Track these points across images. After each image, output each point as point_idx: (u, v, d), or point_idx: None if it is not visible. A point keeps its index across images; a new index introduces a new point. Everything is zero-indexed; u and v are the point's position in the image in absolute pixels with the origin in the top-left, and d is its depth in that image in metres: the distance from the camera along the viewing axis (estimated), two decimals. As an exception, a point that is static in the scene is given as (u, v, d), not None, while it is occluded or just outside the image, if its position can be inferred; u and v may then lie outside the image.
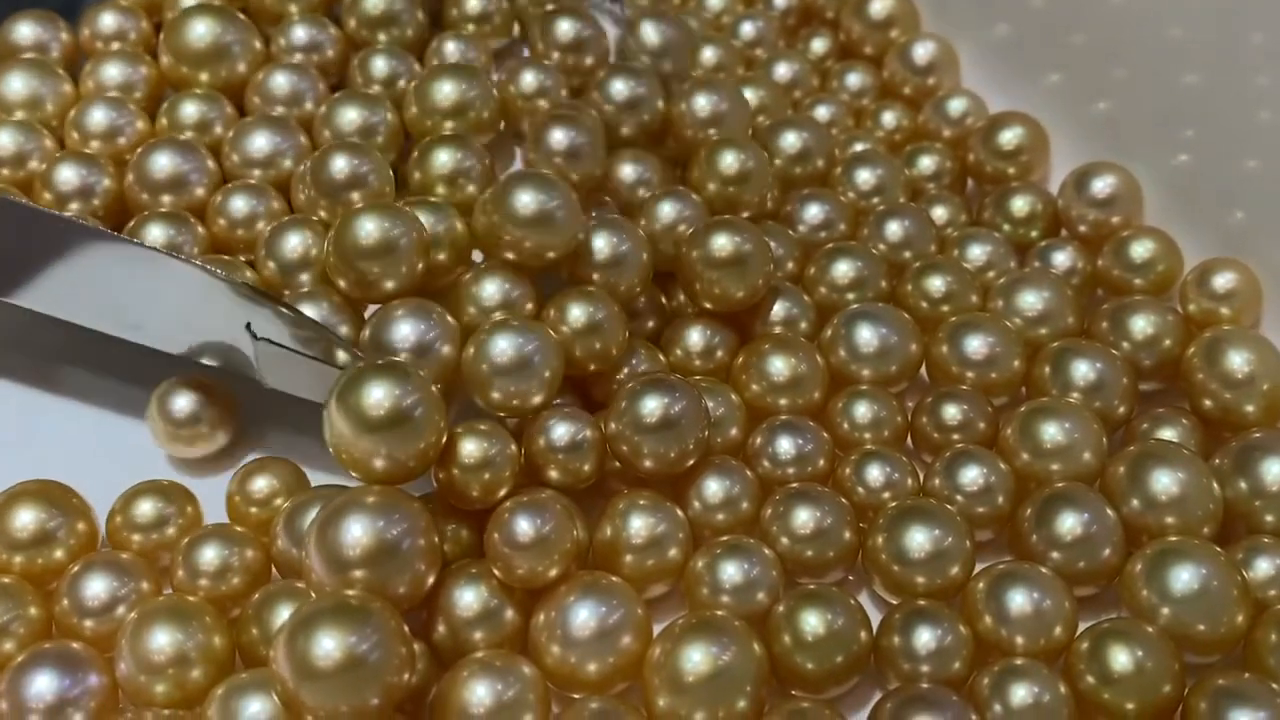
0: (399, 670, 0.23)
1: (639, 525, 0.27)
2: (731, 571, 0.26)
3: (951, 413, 0.29)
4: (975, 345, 0.30)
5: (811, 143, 0.35)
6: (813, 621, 0.25)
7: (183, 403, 0.30)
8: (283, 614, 0.26)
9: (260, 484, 0.29)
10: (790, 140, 0.35)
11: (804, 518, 0.27)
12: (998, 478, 0.28)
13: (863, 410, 0.29)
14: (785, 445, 0.29)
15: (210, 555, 0.27)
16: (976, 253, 0.33)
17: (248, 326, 0.28)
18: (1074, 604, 0.26)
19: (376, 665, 0.23)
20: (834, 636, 0.25)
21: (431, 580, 0.25)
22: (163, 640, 0.25)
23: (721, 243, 0.30)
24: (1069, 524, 0.27)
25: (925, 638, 0.25)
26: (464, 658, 0.25)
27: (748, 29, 0.39)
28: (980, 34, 0.38)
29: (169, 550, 0.28)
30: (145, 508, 0.28)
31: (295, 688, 0.23)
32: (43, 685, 0.25)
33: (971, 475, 0.28)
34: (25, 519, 0.27)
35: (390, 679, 0.23)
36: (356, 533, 0.24)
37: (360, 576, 0.24)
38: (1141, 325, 0.31)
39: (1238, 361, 0.29)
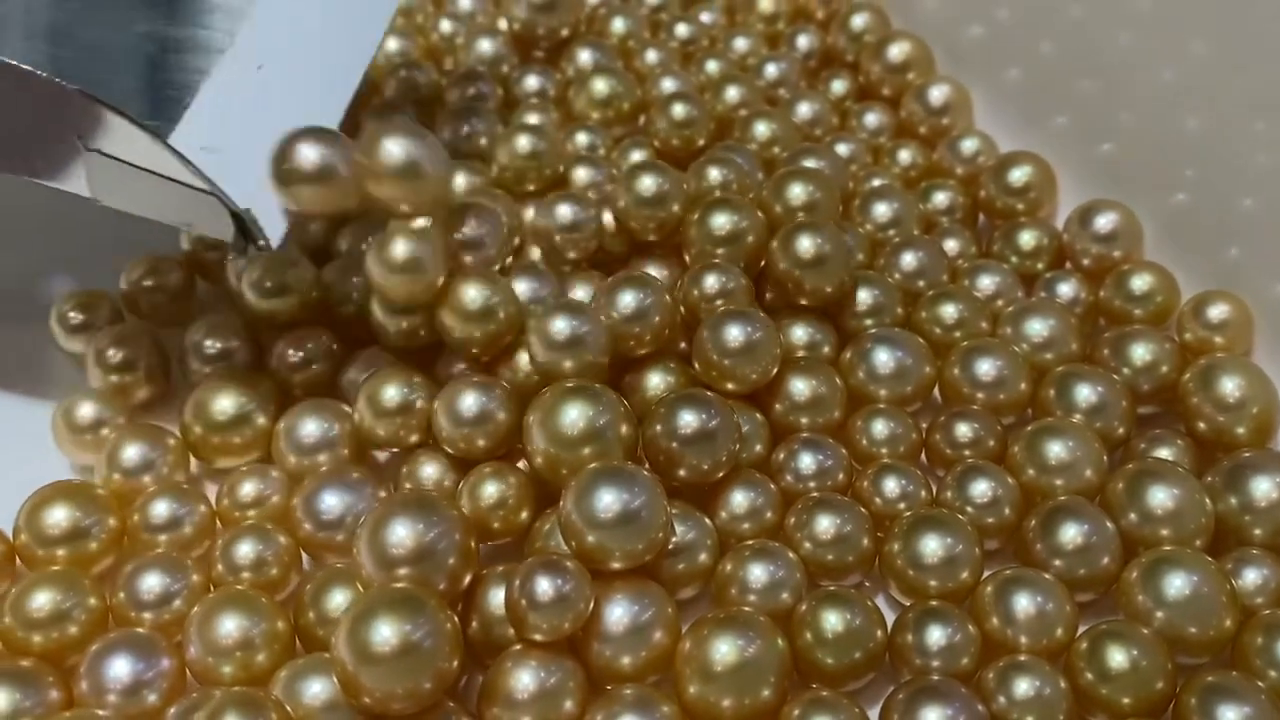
0: (449, 657, 0.25)
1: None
2: (758, 573, 0.28)
3: (963, 431, 0.31)
4: (985, 368, 0.32)
5: (830, 174, 0.36)
6: (833, 620, 0.27)
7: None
8: (336, 599, 0.28)
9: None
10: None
11: (825, 524, 0.29)
12: (1005, 491, 0.30)
13: (880, 427, 0.31)
14: (807, 460, 0.30)
15: (246, 549, 0.29)
16: (986, 283, 0.35)
17: (78, 139, 0.28)
18: (1074, 607, 0.28)
19: (429, 651, 0.25)
20: (852, 634, 0.27)
21: (468, 579, 0.27)
22: (230, 626, 0.27)
23: (805, 245, 0.32)
24: (1071, 534, 0.28)
25: (936, 635, 0.27)
26: (510, 649, 0.27)
27: (771, 70, 0.41)
28: (992, 79, 0.40)
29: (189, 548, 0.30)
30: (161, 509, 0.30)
31: (355, 671, 0.25)
32: (120, 668, 0.27)
33: (981, 488, 0.30)
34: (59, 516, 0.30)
35: (441, 665, 0.25)
36: (401, 534, 0.26)
37: (405, 574, 0.26)
38: (1140, 353, 0.32)
39: (1230, 387, 0.31)
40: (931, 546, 0.28)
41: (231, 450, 0.32)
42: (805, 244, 0.32)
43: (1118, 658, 0.26)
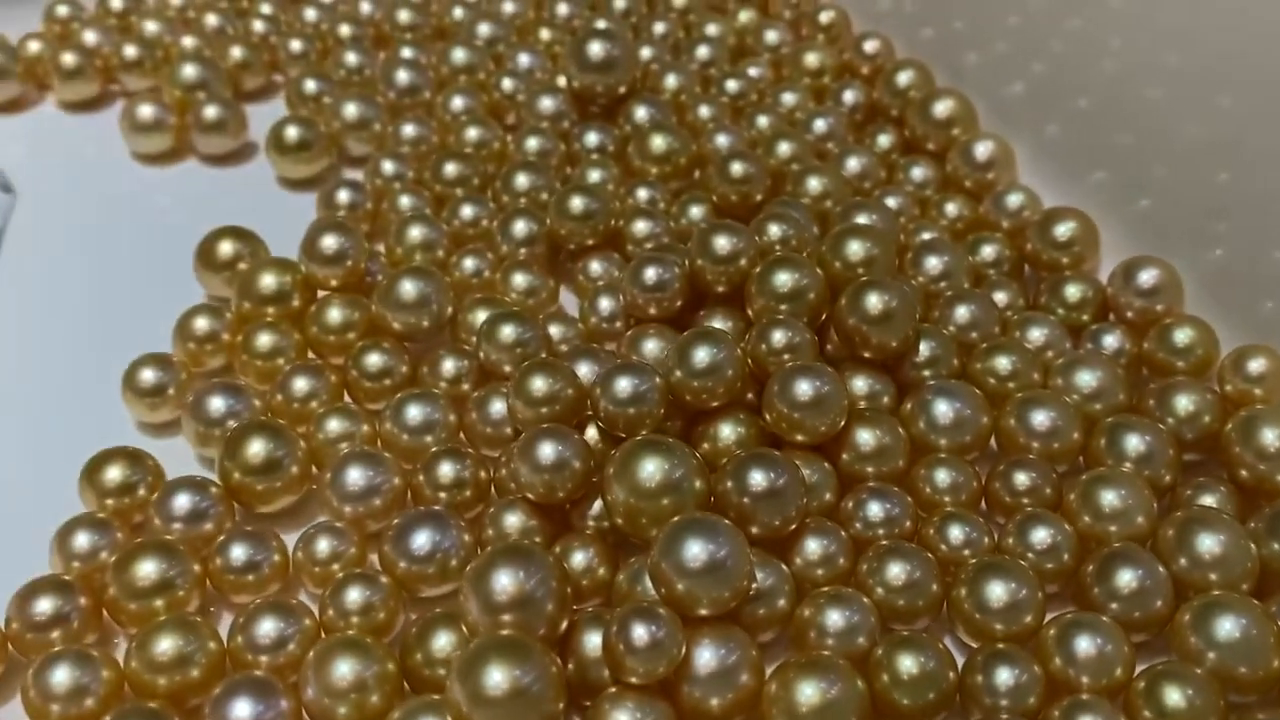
0: (555, 700, 0.27)
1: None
2: (835, 618, 0.30)
3: (1021, 479, 0.33)
4: (1040, 419, 0.34)
5: (883, 229, 0.38)
6: (908, 663, 0.29)
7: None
8: (440, 641, 0.30)
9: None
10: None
11: (896, 570, 0.31)
12: (1063, 538, 0.31)
13: (943, 476, 0.33)
14: (875, 509, 0.32)
15: (355, 595, 0.31)
16: (1036, 335, 0.36)
17: None
18: (1132, 648, 0.29)
19: (538, 695, 0.27)
20: (926, 676, 0.29)
21: (565, 624, 0.29)
22: (344, 669, 0.29)
23: (874, 301, 0.34)
24: (1126, 579, 0.30)
25: (1004, 676, 0.29)
26: (608, 691, 0.28)
27: (820, 125, 0.43)
28: (1034, 134, 0.42)
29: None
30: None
31: (469, 713, 0.27)
32: (242, 710, 0.28)
33: (1041, 535, 0.31)
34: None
35: (548, 707, 0.27)
36: (505, 582, 0.28)
37: (508, 619, 0.28)
38: (1184, 403, 0.34)
39: (1270, 437, 0.33)
40: (997, 592, 0.30)
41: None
42: (873, 300, 0.34)
43: (1174, 697, 0.28)
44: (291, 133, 0.43)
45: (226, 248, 0.39)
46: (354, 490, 0.33)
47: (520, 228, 0.40)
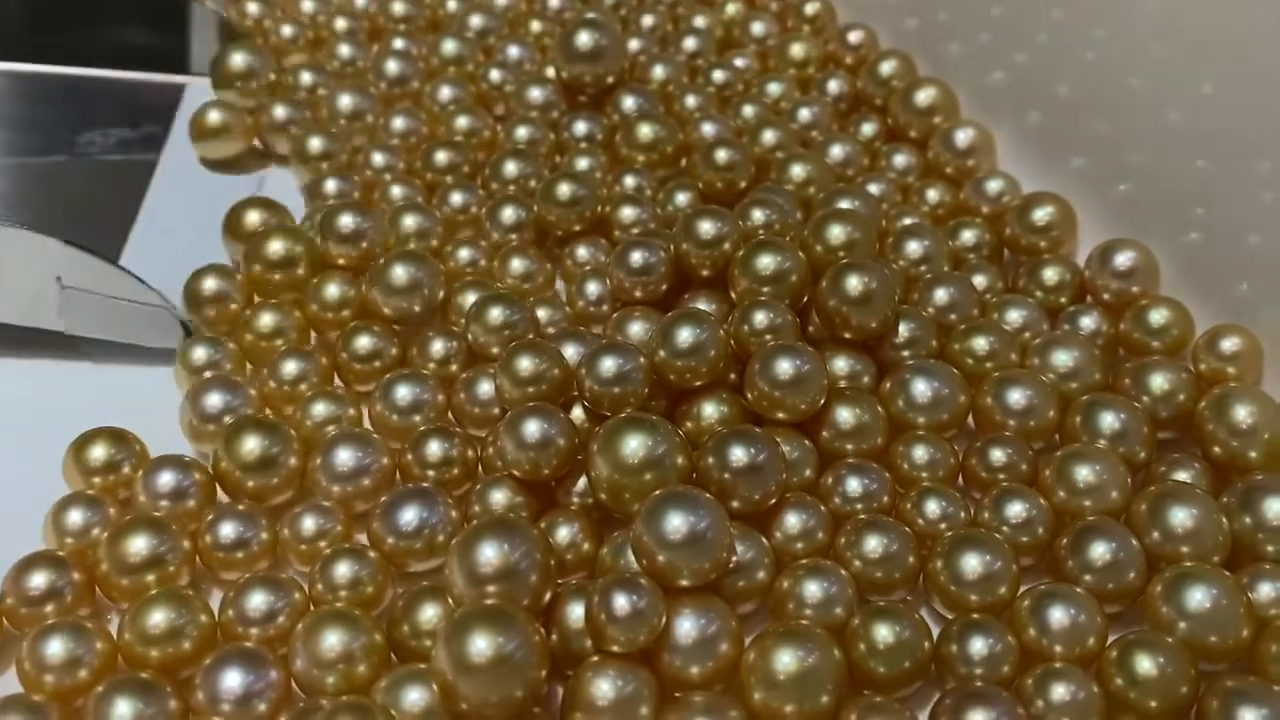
0: (538, 667, 0.28)
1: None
2: (813, 589, 0.30)
3: (997, 455, 0.33)
4: (1016, 397, 0.34)
5: (865, 214, 0.39)
6: (884, 633, 0.30)
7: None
8: (427, 613, 0.30)
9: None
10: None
11: (874, 544, 0.31)
12: (1038, 512, 0.32)
13: (920, 453, 0.33)
14: (853, 484, 0.33)
15: (344, 570, 0.31)
16: (1014, 316, 0.37)
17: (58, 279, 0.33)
18: (1105, 619, 0.30)
19: (521, 662, 0.27)
20: (902, 645, 0.29)
21: (548, 595, 0.30)
22: (332, 640, 0.29)
23: (854, 283, 0.34)
24: (1099, 551, 0.31)
25: (979, 645, 0.29)
26: (590, 659, 0.29)
27: (804, 114, 0.44)
28: (1014, 121, 0.43)
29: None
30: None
31: (454, 680, 0.27)
32: (233, 680, 0.29)
33: (1016, 509, 0.32)
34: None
35: (531, 674, 0.28)
36: (489, 554, 0.29)
37: (493, 591, 0.29)
38: (1159, 382, 0.35)
39: (1243, 414, 0.33)
40: (972, 564, 0.31)
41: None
42: (854, 282, 0.35)
43: (1145, 664, 0.29)
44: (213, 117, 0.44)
45: (253, 217, 0.40)
46: (343, 471, 0.33)
47: (509, 214, 0.40)
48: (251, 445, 0.33)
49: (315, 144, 0.43)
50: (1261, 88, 0.35)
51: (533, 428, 0.32)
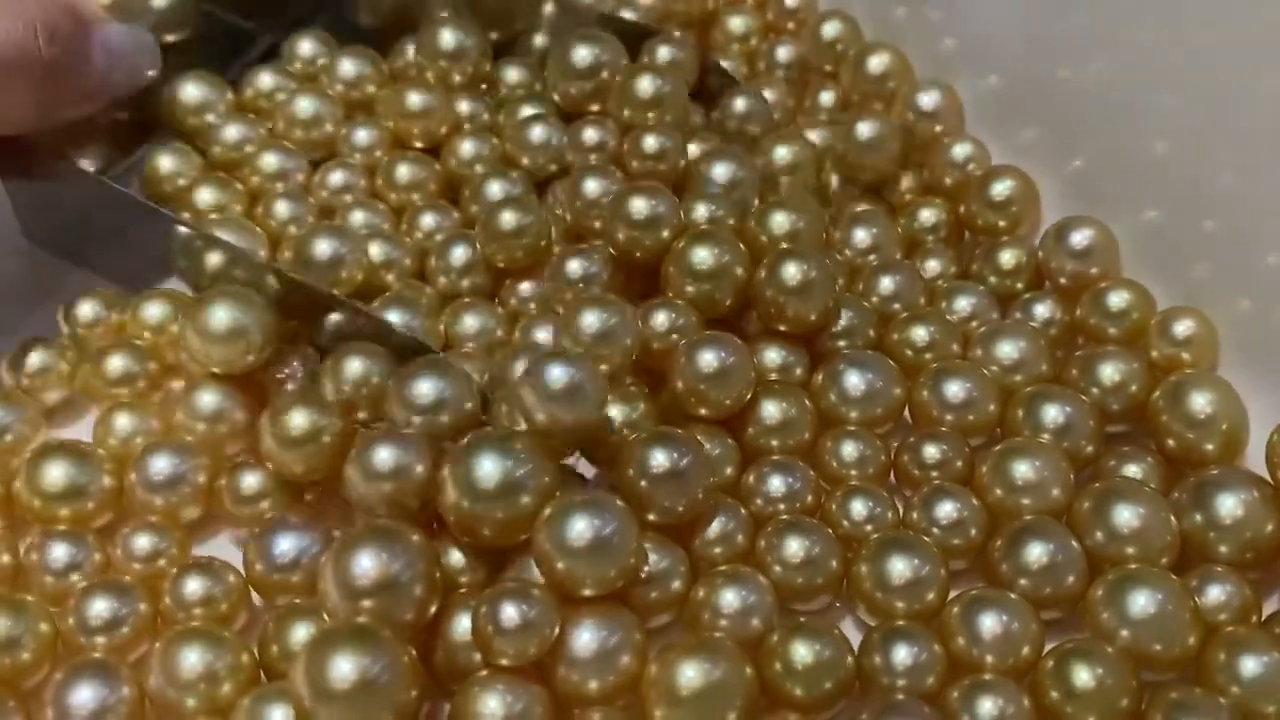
0: (408, 689, 0.25)
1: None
2: (729, 599, 0.28)
3: (931, 452, 0.31)
4: (954, 390, 0.32)
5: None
6: (803, 652, 0.27)
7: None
8: (299, 632, 0.28)
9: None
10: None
11: (795, 547, 0.29)
12: (971, 512, 0.30)
13: (849, 449, 0.31)
14: (776, 483, 0.31)
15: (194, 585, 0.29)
16: (962, 304, 0.35)
17: None
18: (1041, 626, 0.28)
19: (387, 686, 0.25)
20: (822, 665, 0.27)
21: (434, 609, 0.27)
22: (194, 659, 0.27)
23: (791, 271, 0.32)
24: (1036, 554, 0.29)
25: (902, 655, 0.27)
26: (477, 674, 0.27)
27: (766, 95, 0.41)
28: (968, 90, 0.40)
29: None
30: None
31: (312, 708, 0.25)
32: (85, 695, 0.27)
33: (946, 510, 0.30)
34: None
35: (400, 697, 0.25)
36: (366, 565, 0.26)
37: (369, 606, 0.26)
38: (1109, 373, 0.32)
39: (1200, 403, 0.31)
40: (899, 568, 0.29)
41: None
42: (791, 271, 0.32)
43: (1083, 676, 0.26)
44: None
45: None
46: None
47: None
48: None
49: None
50: (1222, 71, 0.33)
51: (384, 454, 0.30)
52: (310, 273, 0.34)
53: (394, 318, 0.34)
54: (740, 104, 0.39)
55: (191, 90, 0.39)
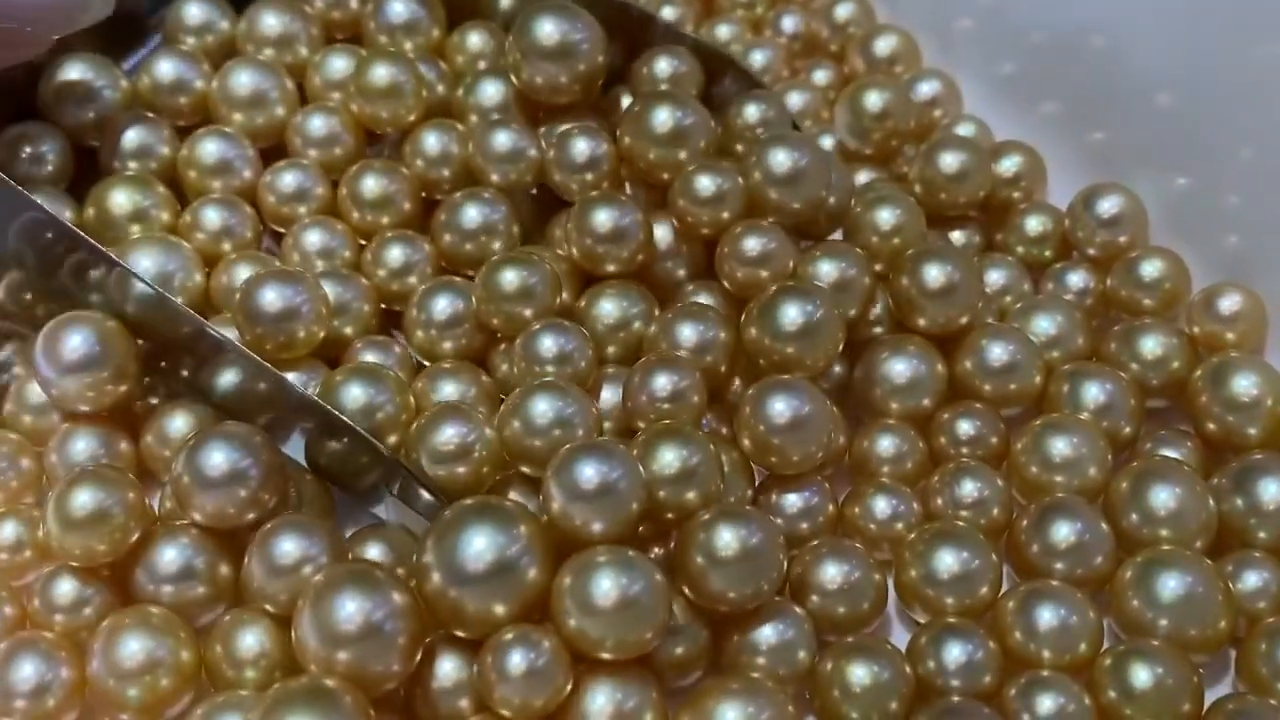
0: None
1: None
2: (768, 633, 0.27)
3: (965, 428, 0.31)
4: (997, 353, 0.31)
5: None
6: (860, 674, 0.26)
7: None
8: (247, 640, 0.27)
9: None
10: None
11: (833, 573, 0.28)
12: (992, 491, 0.29)
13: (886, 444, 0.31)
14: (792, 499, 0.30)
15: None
16: (994, 278, 0.34)
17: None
18: (1100, 619, 0.27)
19: None
20: (881, 687, 0.26)
21: (416, 658, 0.26)
22: (135, 647, 0.26)
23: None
24: (1064, 533, 0.28)
25: (955, 653, 0.27)
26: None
27: (757, 57, 0.40)
28: (984, 67, 0.39)
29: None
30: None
31: None
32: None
33: (968, 489, 0.29)
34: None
35: None
36: (350, 609, 0.25)
37: (345, 658, 0.25)
38: (1150, 346, 0.32)
39: (1243, 385, 0.30)
40: (947, 562, 0.28)
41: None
42: (934, 272, 0.31)
43: (1142, 676, 0.26)
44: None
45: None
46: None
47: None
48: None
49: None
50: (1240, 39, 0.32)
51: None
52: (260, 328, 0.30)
53: (356, 392, 0.30)
54: (752, 111, 0.35)
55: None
